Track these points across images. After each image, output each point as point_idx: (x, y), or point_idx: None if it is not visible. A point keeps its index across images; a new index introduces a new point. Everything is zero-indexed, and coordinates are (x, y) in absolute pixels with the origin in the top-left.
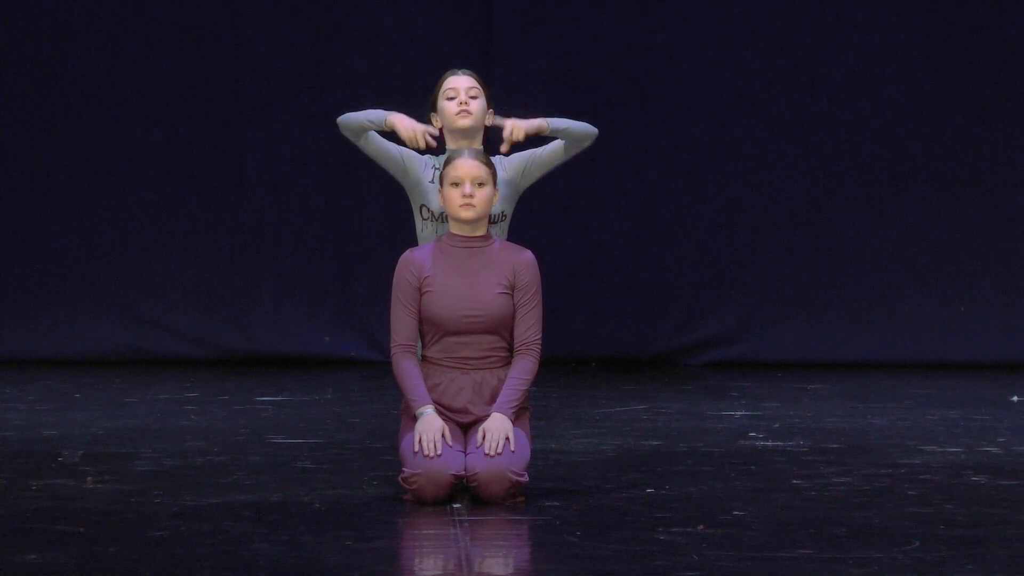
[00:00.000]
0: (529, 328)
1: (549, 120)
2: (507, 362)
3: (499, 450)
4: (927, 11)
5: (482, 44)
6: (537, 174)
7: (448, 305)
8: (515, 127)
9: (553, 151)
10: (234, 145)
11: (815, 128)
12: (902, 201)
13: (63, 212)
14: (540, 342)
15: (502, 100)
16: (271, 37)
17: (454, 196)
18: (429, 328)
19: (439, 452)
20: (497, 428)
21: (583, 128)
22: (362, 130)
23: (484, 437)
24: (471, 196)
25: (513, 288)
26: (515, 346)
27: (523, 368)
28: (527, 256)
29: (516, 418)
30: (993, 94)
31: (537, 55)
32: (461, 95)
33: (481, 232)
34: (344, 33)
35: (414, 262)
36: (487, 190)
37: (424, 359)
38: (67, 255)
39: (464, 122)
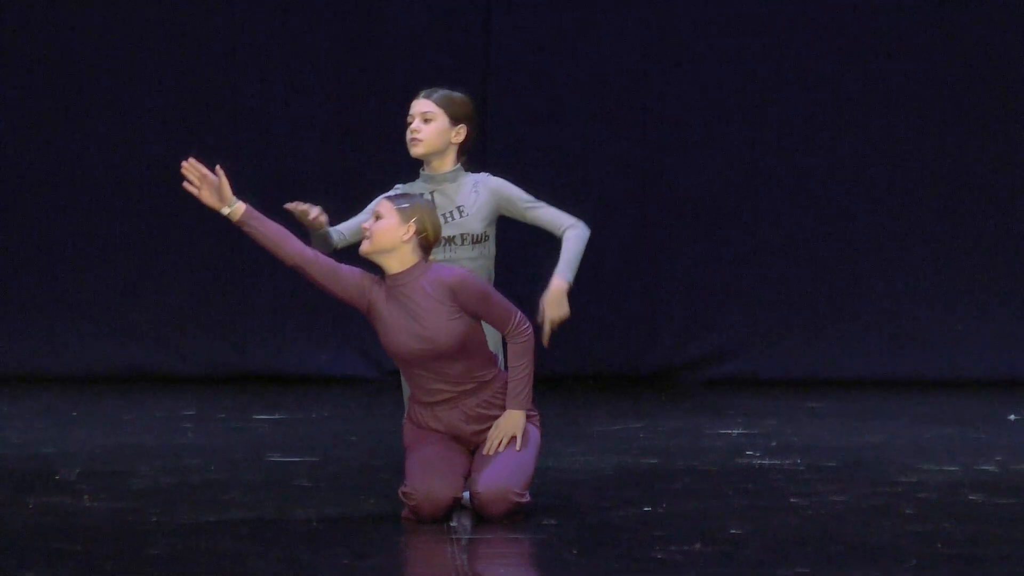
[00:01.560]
0: (501, 322)
1: (567, 277)
2: (492, 376)
3: (500, 450)
4: (928, 28)
5: (481, 41)
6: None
7: (396, 341)
8: (550, 320)
9: (520, 215)
10: (232, 167)
11: (812, 147)
12: (899, 219)
13: (61, 231)
14: (520, 324)
15: (501, 103)
16: (268, 50)
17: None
18: (393, 359)
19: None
20: (505, 427)
21: (584, 245)
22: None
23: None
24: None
25: (461, 309)
26: (504, 338)
27: (514, 354)
28: (455, 277)
29: (526, 435)
30: (988, 113)
31: (536, 59)
32: (414, 121)
33: (411, 263)
34: (343, 41)
35: (370, 286)
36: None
37: (411, 398)
38: (65, 273)
39: (415, 150)
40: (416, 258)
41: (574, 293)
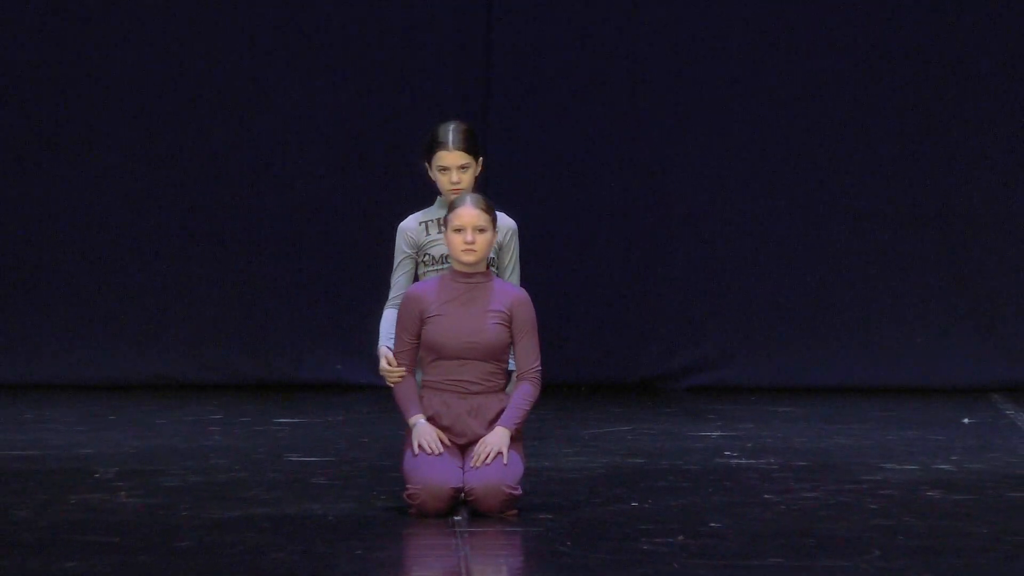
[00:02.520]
0: (528, 357)
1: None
2: (502, 388)
3: (488, 462)
4: (894, 54)
5: (483, 41)
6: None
7: (449, 331)
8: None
9: (501, 266)
10: (253, 194)
11: (783, 176)
12: (864, 242)
13: (97, 254)
14: (539, 370)
15: (501, 104)
16: (269, 50)
17: (456, 241)
18: (429, 353)
19: (440, 450)
20: (494, 442)
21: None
22: None
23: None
24: (472, 242)
25: (510, 322)
26: (517, 374)
27: (524, 391)
28: (521, 294)
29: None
30: (954, 138)
31: (537, 61)
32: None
33: (481, 269)
34: (342, 40)
35: (419, 298)
36: (487, 235)
37: (424, 384)
38: (102, 291)
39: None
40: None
41: (573, 308)
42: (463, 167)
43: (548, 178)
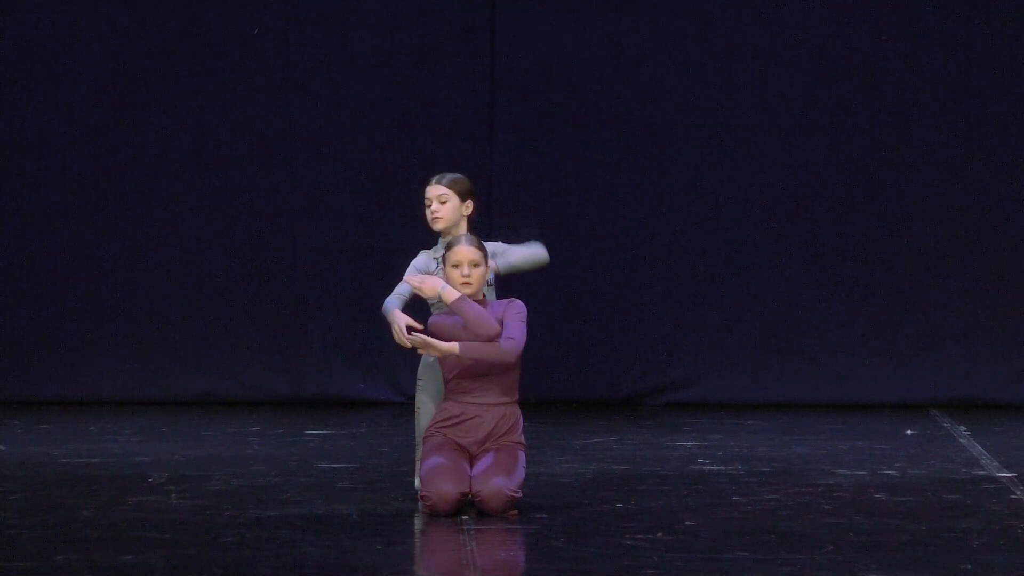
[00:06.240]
0: (507, 329)
1: (499, 264)
2: (515, 401)
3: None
4: (852, 109)
5: (487, 45)
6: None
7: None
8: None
9: (505, 266)
10: (291, 238)
11: (748, 218)
12: (820, 278)
13: (154, 291)
14: (512, 340)
15: (505, 113)
16: (270, 54)
17: (455, 276)
18: (452, 368)
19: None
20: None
21: (534, 260)
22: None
23: None
24: (469, 276)
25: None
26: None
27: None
28: (512, 301)
29: (515, 452)
30: (895, 193)
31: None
32: (433, 203)
33: (478, 298)
34: (346, 47)
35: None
36: (481, 269)
37: (448, 399)
38: (158, 321)
39: (436, 226)
40: None
41: (564, 335)
42: (443, 200)
43: (559, 172)
